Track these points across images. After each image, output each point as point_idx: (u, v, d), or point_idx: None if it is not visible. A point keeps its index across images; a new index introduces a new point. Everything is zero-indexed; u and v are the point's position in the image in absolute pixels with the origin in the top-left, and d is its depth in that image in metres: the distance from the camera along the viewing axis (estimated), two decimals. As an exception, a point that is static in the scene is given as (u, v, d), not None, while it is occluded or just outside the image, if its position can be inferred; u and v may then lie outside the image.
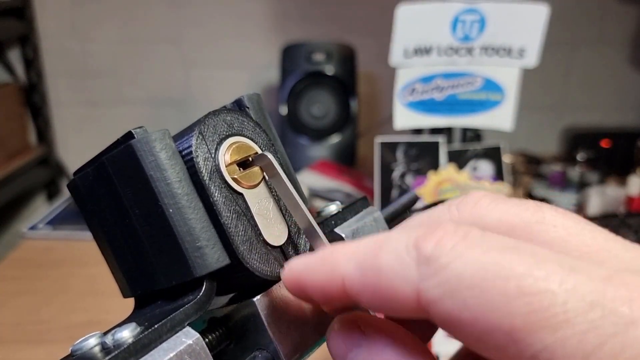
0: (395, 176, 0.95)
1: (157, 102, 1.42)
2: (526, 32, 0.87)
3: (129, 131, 0.21)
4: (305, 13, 1.39)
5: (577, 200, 1.09)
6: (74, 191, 0.24)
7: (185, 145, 0.22)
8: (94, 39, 1.36)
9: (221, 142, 0.23)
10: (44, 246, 0.99)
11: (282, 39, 1.31)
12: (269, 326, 0.23)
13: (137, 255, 0.22)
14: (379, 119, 1.44)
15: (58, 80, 1.38)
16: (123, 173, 0.22)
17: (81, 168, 0.24)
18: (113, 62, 1.38)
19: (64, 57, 1.36)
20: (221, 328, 0.23)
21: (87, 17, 1.35)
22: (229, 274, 0.22)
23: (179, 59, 1.39)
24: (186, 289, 0.22)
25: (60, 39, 1.35)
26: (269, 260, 0.23)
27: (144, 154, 0.21)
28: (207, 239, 0.21)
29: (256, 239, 0.23)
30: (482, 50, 0.89)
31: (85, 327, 0.72)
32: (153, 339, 0.19)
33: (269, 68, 1.38)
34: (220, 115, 0.23)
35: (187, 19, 1.36)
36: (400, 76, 0.91)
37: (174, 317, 0.20)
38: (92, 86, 1.39)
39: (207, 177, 0.22)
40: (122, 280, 0.24)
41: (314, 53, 1.22)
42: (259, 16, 1.38)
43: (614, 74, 1.49)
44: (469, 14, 0.87)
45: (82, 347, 0.19)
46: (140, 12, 1.35)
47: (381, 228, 0.29)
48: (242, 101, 0.26)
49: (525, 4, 0.87)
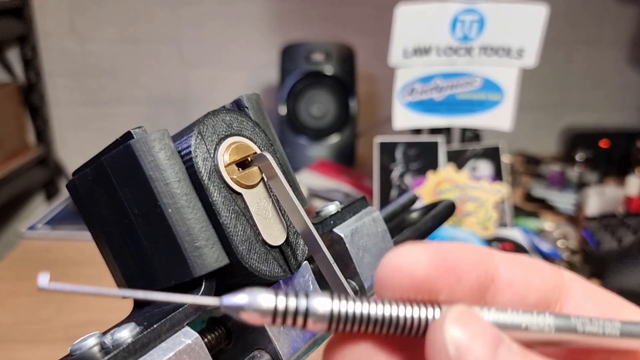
0: (395, 176, 0.95)
1: (156, 102, 1.42)
2: (525, 32, 0.87)
3: (128, 131, 0.21)
4: (304, 13, 1.39)
5: (575, 200, 1.09)
6: (73, 191, 0.24)
7: (184, 145, 0.22)
8: (93, 39, 1.36)
9: (220, 142, 0.23)
10: (42, 246, 0.99)
11: (281, 38, 1.31)
12: (268, 326, 0.23)
13: (136, 255, 0.22)
14: (378, 119, 1.44)
15: (57, 80, 1.38)
16: (122, 173, 0.22)
17: (80, 168, 0.24)
18: (112, 61, 1.38)
19: (62, 57, 1.36)
20: (220, 328, 0.23)
21: (86, 16, 1.34)
22: (228, 274, 0.22)
23: (178, 59, 1.39)
24: (185, 288, 0.22)
25: (59, 39, 1.35)
26: (268, 260, 0.23)
27: (143, 154, 0.21)
28: (206, 239, 0.21)
29: (255, 238, 0.23)
30: (481, 50, 0.89)
31: (84, 326, 0.72)
32: (152, 338, 0.19)
33: (268, 68, 1.38)
34: (220, 115, 0.23)
35: (187, 18, 1.36)
36: (399, 76, 0.91)
37: (173, 317, 0.20)
38: (91, 86, 1.39)
39: (206, 177, 0.22)
40: (121, 280, 0.24)
41: (313, 53, 1.22)
42: (259, 16, 1.38)
43: (613, 74, 1.49)
44: (468, 14, 0.87)
45: (81, 347, 0.19)
46: (140, 11, 1.35)
47: (380, 228, 0.29)
48: (241, 101, 0.26)
49: (524, 4, 0.87)
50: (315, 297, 0.16)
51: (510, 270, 0.19)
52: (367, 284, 0.28)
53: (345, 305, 0.16)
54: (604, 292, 0.21)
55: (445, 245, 0.18)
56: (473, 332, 0.16)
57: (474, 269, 0.18)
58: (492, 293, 0.19)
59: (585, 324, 0.18)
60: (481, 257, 0.19)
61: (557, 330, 0.17)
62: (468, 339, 0.16)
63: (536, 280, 0.20)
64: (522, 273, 0.20)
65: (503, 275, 0.19)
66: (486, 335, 0.16)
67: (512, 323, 0.17)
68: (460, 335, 0.16)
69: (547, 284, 0.20)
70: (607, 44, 1.46)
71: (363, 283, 0.28)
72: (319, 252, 0.24)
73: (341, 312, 0.16)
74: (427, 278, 0.17)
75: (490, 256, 0.19)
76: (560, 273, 0.21)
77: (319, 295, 0.16)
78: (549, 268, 0.20)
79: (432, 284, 0.17)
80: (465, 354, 0.16)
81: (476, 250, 0.19)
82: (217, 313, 0.24)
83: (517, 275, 0.19)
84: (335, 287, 0.24)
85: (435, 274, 0.17)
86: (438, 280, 0.17)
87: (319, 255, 0.24)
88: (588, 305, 0.20)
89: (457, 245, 0.19)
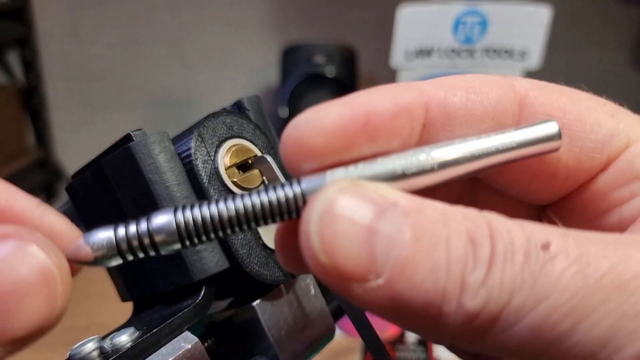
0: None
1: (157, 104, 1.42)
2: (528, 34, 0.87)
3: (127, 133, 0.21)
4: (305, 15, 1.39)
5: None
6: (72, 194, 0.24)
7: (184, 147, 0.22)
8: (93, 42, 1.36)
9: (220, 145, 0.23)
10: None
11: (282, 40, 1.31)
12: (269, 331, 0.22)
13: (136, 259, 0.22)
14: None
15: (57, 82, 1.38)
16: (121, 176, 0.21)
17: (79, 171, 0.23)
18: (112, 64, 1.38)
19: (63, 60, 1.36)
20: (220, 333, 0.23)
21: (87, 19, 1.35)
22: (228, 278, 0.22)
23: (179, 61, 1.39)
24: (185, 293, 0.21)
25: (60, 42, 1.35)
26: (269, 264, 0.23)
27: (142, 156, 0.21)
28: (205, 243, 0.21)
29: (255, 242, 0.23)
30: (484, 52, 0.89)
31: (84, 331, 0.72)
32: (152, 343, 0.19)
33: (269, 70, 1.38)
34: (220, 118, 0.23)
35: (187, 21, 1.36)
36: (401, 78, 0.91)
37: (173, 322, 0.20)
38: (91, 89, 1.39)
39: (206, 180, 0.22)
40: (120, 284, 0.24)
41: (314, 55, 1.22)
42: (259, 18, 1.38)
43: (615, 75, 1.49)
44: (471, 16, 0.87)
45: (81, 352, 0.19)
46: (140, 14, 1.35)
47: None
48: (241, 103, 0.25)
49: (527, 6, 0.86)
50: (154, 214, 0.15)
51: (446, 104, 0.17)
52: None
53: (189, 212, 0.15)
54: (568, 92, 0.19)
55: (358, 95, 0.16)
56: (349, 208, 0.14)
57: (392, 118, 0.16)
58: (426, 138, 0.17)
59: (476, 145, 0.16)
60: (401, 99, 0.16)
61: (442, 164, 0.15)
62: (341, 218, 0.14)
63: (478, 106, 0.17)
64: (461, 101, 0.17)
65: (436, 113, 0.17)
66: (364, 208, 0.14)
67: (384, 172, 0.15)
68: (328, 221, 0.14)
69: (494, 106, 0.17)
70: (609, 45, 1.46)
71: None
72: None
73: (187, 219, 0.15)
74: (337, 134, 0.15)
75: (418, 93, 0.17)
76: (509, 86, 0.18)
77: (157, 212, 0.15)
78: (494, 84, 0.18)
79: (345, 142, 0.15)
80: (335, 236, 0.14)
81: (396, 91, 0.16)
82: (218, 317, 0.24)
83: (456, 105, 0.17)
84: (337, 291, 0.23)
85: (346, 130, 0.15)
86: (350, 137, 0.15)
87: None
88: (553, 112, 0.18)
89: (372, 90, 0.16)
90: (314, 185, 0.15)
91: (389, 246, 0.14)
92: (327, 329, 0.25)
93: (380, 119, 0.16)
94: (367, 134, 0.16)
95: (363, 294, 0.14)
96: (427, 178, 0.15)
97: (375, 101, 0.16)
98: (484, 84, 0.17)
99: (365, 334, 0.23)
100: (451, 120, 0.17)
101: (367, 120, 0.15)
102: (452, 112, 0.17)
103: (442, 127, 0.17)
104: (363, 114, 0.15)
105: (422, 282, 0.13)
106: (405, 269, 0.13)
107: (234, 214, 0.15)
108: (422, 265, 0.13)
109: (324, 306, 0.25)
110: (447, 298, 0.13)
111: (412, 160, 0.15)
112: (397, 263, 0.14)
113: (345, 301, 0.23)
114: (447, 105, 0.17)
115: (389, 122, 0.16)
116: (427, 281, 0.13)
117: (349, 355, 0.65)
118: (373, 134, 0.16)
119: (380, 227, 0.14)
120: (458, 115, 0.17)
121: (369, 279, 0.14)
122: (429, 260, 0.13)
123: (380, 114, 0.16)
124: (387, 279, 0.14)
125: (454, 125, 0.17)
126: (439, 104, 0.17)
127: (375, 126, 0.16)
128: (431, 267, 0.13)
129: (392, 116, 0.16)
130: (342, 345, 0.66)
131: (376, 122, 0.16)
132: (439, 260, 0.13)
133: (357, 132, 0.15)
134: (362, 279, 0.14)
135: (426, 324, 0.14)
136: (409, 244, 0.14)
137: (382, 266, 0.14)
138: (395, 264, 0.14)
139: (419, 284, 0.13)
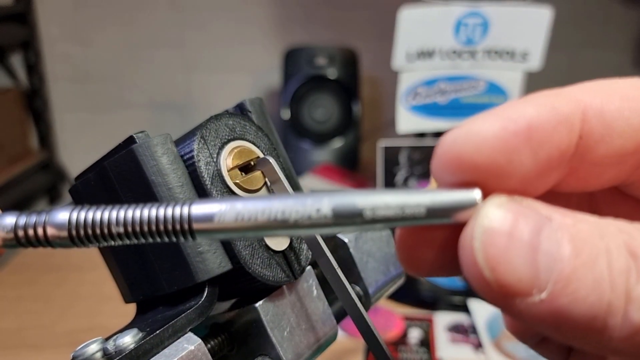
0: (399, 180, 0.95)
1: (159, 106, 1.42)
2: (529, 35, 0.87)
3: (130, 136, 0.21)
4: (307, 17, 1.39)
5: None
6: (76, 196, 0.24)
7: (187, 149, 0.22)
8: (96, 44, 1.36)
9: (223, 147, 0.23)
10: (45, 251, 0.99)
11: (284, 42, 1.31)
12: (271, 332, 0.22)
13: (139, 260, 0.22)
14: (381, 123, 1.43)
15: (60, 85, 1.38)
16: (124, 178, 0.21)
17: (83, 173, 0.23)
18: (115, 66, 1.38)
19: (66, 62, 1.37)
20: (223, 334, 0.23)
21: (89, 22, 1.35)
22: (231, 280, 0.22)
23: (181, 63, 1.39)
24: (188, 294, 0.21)
25: (63, 44, 1.35)
26: (272, 265, 0.23)
27: (145, 158, 0.21)
28: (208, 244, 0.21)
29: (258, 243, 0.23)
30: (485, 54, 0.89)
31: (87, 332, 0.72)
32: (155, 344, 0.19)
33: (271, 72, 1.38)
34: (222, 120, 0.23)
35: (189, 23, 1.37)
36: (403, 80, 0.91)
37: (176, 323, 0.20)
38: (94, 91, 1.39)
39: (208, 182, 0.22)
40: (123, 286, 0.24)
41: (316, 57, 1.22)
42: (261, 20, 1.38)
43: (617, 76, 1.49)
44: (472, 17, 0.87)
45: (84, 353, 0.19)
46: (143, 16, 1.35)
47: (384, 232, 0.29)
48: (244, 105, 0.25)
49: (528, 7, 0.86)
50: (59, 208, 0.15)
51: (603, 112, 0.16)
52: (371, 289, 0.28)
53: (84, 211, 0.15)
54: None
55: (513, 106, 0.16)
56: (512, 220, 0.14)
57: (553, 131, 0.15)
58: (583, 151, 0.16)
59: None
60: (561, 110, 0.16)
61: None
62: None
63: (635, 115, 0.16)
64: (618, 110, 0.16)
65: (593, 123, 0.16)
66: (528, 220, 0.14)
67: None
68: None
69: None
70: (611, 46, 1.46)
71: (367, 288, 0.28)
72: (323, 257, 0.23)
73: (79, 217, 0.15)
74: (500, 149, 0.15)
75: (575, 102, 0.16)
76: None
77: (62, 207, 0.16)
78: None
79: (507, 157, 0.15)
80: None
81: (552, 100, 0.16)
82: (220, 319, 0.24)
83: (614, 114, 0.16)
84: (339, 292, 0.24)
85: (503, 144, 0.15)
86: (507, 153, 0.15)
87: (322, 260, 0.24)
88: None
89: (526, 101, 0.16)
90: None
91: (551, 261, 0.14)
92: (330, 330, 0.25)
93: (543, 132, 0.15)
94: (529, 148, 0.15)
95: (526, 309, 0.14)
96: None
97: (534, 113, 0.15)
98: (635, 89, 0.17)
99: (367, 335, 0.23)
100: (610, 130, 0.16)
101: (529, 134, 0.15)
102: (611, 122, 0.16)
103: (600, 138, 0.16)
104: (524, 127, 0.15)
105: (586, 296, 0.14)
106: (569, 283, 0.14)
107: (122, 226, 0.15)
108: (585, 279, 0.14)
109: (327, 307, 0.26)
110: (612, 311, 0.14)
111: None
112: (560, 278, 0.14)
113: (347, 302, 0.23)
114: (605, 114, 0.16)
115: (550, 135, 0.15)
116: (591, 295, 0.14)
117: (351, 356, 0.65)
118: (536, 148, 0.15)
119: (540, 242, 0.14)
120: (616, 126, 0.16)
121: (532, 294, 0.14)
122: (592, 274, 0.14)
123: (542, 127, 0.15)
124: (550, 293, 0.14)
125: (612, 136, 0.16)
126: (596, 113, 0.16)
127: (539, 140, 0.15)
128: (594, 280, 0.14)
129: (553, 129, 0.15)
130: (344, 347, 0.66)
131: (539, 136, 0.15)
132: (601, 273, 0.14)
133: (520, 146, 0.15)
134: (526, 294, 0.14)
135: (590, 337, 0.14)
136: (570, 258, 0.14)
137: (545, 281, 0.14)
138: (558, 279, 0.14)
139: (583, 298, 0.14)
